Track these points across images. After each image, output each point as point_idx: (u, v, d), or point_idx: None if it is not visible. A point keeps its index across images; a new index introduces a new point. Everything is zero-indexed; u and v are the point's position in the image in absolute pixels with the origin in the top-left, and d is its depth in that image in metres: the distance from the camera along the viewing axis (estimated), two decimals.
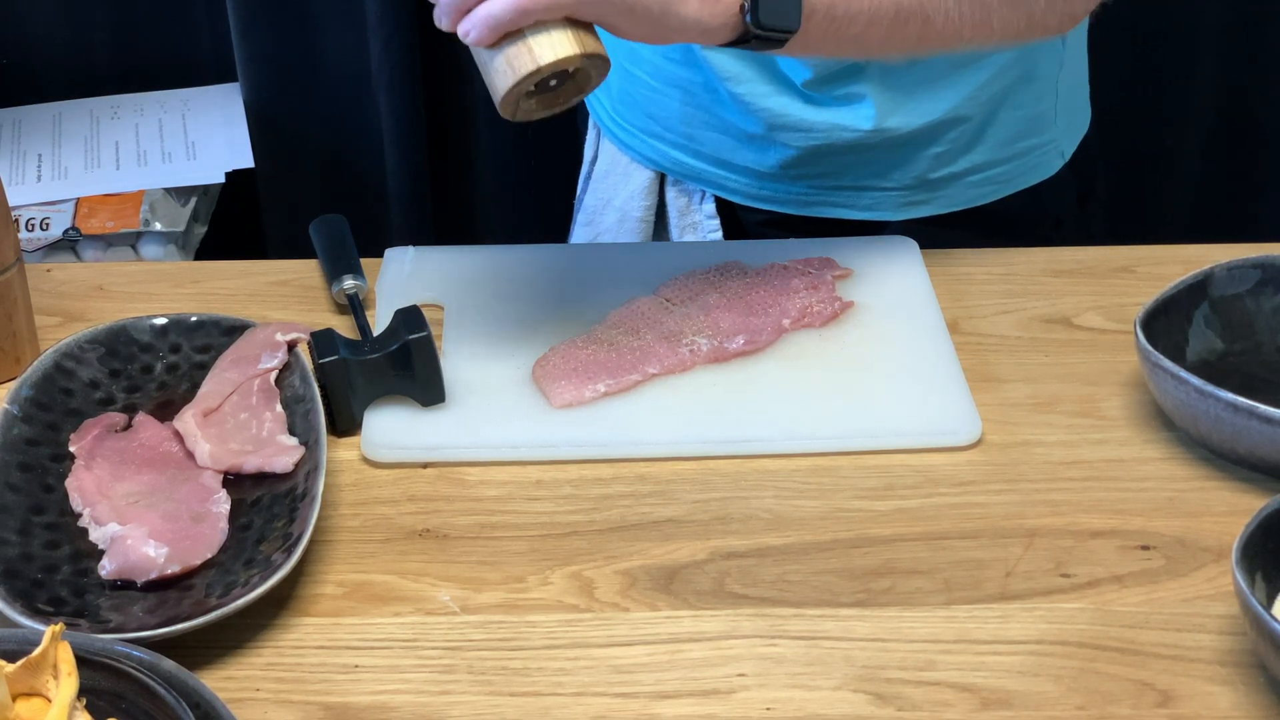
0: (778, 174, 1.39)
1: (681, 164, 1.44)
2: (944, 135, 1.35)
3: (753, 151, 1.39)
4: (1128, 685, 0.91)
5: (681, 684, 0.92)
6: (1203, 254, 1.25)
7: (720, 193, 1.44)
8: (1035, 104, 1.38)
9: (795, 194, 1.41)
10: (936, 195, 1.39)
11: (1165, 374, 1.05)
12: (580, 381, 1.12)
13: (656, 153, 1.45)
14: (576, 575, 0.99)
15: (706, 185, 1.44)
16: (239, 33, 1.93)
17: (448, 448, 1.09)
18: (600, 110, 1.50)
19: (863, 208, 1.40)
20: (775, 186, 1.41)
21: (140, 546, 0.96)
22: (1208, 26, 1.98)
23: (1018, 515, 1.04)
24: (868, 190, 1.39)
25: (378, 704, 0.91)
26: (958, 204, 1.40)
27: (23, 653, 0.81)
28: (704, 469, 1.08)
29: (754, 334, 1.17)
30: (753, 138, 1.38)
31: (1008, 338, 1.20)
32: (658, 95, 1.41)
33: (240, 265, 1.31)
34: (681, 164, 1.44)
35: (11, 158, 1.84)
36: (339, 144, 2.03)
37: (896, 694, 0.91)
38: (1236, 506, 1.04)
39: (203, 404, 1.09)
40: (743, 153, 1.39)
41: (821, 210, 1.41)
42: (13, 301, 1.15)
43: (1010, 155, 1.39)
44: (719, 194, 1.44)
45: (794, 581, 0.99)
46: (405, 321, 1.12)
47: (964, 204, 1.40)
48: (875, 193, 1.39)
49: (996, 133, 1.37)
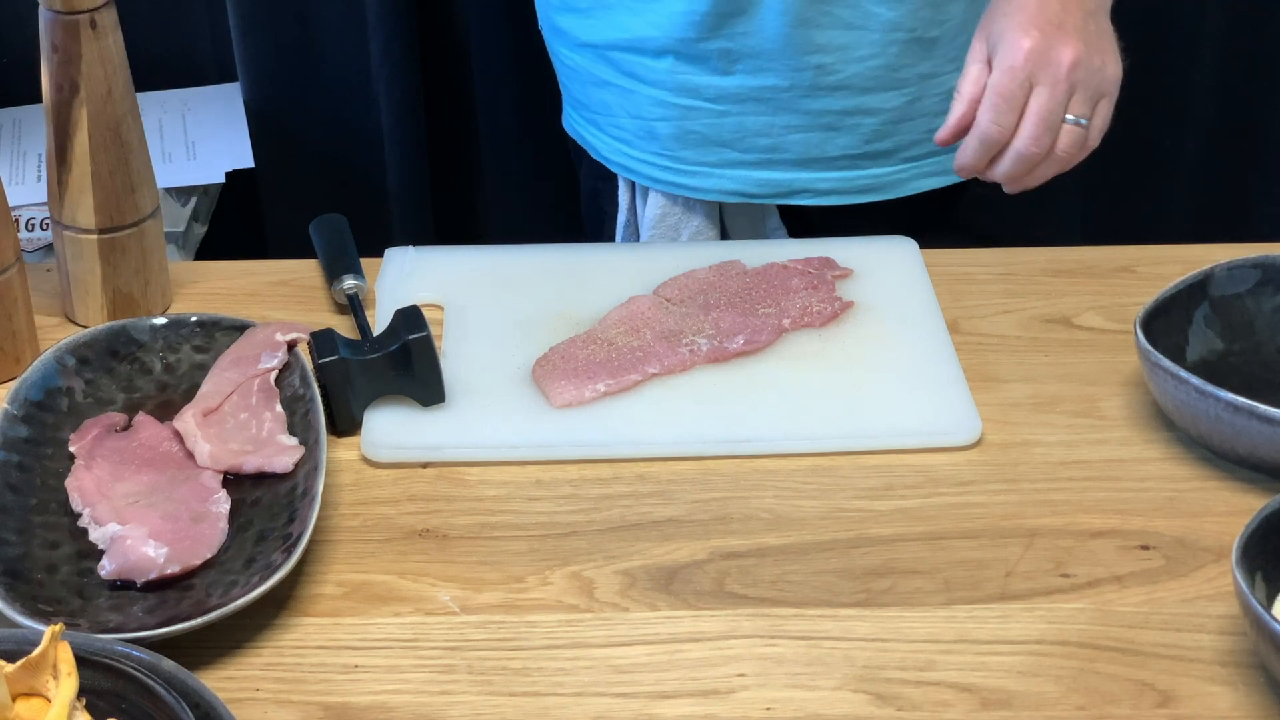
0: (870, 156, 1.39)
1: (765, 182, 1.42)
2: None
3: (845, 135, 1.39)
4: (1128, 685, 0.91)
5: (681, 684, 0.92)
6: (1203, 254, 1.25)
7: (811, 200, 1.42)
8: None
9: (886, 176, 1.41)
10: None
11: (1165, 374, 1.05)
12: (580, 381, 1.12)
13: (730, 181, 1.42)
14: (576, 575, 0.99)
15: (794, 195, 1.42)
16: (239, 33, 1.93)
17: (448, 447, 1.09)
18: (634, 162, 1.45)
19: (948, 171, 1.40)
20: (870, 174, 1.41)
21: (140, 546, 0.96)
22: (1208, 26, 1.98)
23: (1018, 515, 1.04)
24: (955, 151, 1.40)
25: (378, 704, 0.91)
26: None
27: (23, 653, 0.81)
28: (704, 469, 1.08)
29: (754, 334, 1.17)
30: (844, 114, 1.38)
31: (1008, 338, 1.20)
32: (726, 119, 1.40)
33: (240, 265, 1.31)
34: (765, 182, 1.42)
35: (11, 158, 1.84)
36: (339, 144, 2.02)
37: (896, 694, 0.91)
38: (1236, 506, 1.04)
39: (203, 404, 1.09)
40: (835, 139, 1.39)
41: (917, 186, 1.41)
42: (13, 301, 1.15)
43: None
44: (810, 202, 1.42)
45: (794, 581, 0.99)
46: (405, 321, 1.12)
47: None
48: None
49: None
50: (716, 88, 1.38)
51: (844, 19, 1.33)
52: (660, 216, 1.46)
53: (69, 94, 1.15)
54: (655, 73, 1.39)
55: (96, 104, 1.15)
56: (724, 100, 1.38)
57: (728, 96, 1.38)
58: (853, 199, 1.42)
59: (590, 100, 1.46)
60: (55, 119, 1.17)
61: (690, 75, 1.37)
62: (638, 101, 1.41)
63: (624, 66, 1.40)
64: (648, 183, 1.45)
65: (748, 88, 1.37)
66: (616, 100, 1.42)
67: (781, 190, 1.42)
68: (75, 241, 1.19)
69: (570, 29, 1.42)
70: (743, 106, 1.38)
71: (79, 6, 1.13)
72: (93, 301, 1.21)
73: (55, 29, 1.13)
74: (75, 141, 1.16)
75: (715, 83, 1.38)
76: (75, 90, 1.15)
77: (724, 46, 1.35)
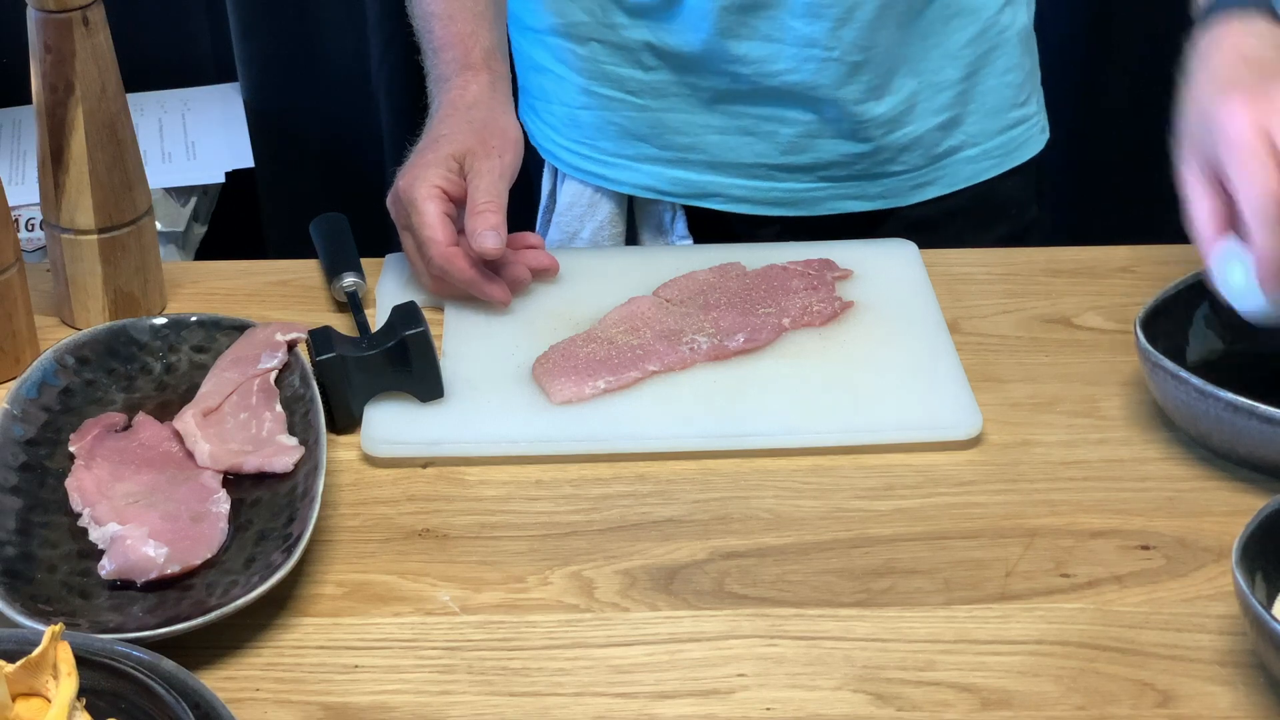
0: (785, 168, 1.39)
1: (679, 180, 1.42)
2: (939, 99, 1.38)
3: (762, 142, 1.39)
4: (1128, 685, 0.91)
5: (681, 684, 0.92)
6: None
7: (723, 205, 1.43)
8: (1014, 71, 1.41)
9: (803, 192, 1.41)
10: (941, 174, 1.41)
11: (1165, 374, 1.05)
12: (580, 378, 1.12)
13: (644, 175, 1.43)
14: (576, 575, 0.99)
15: (706, 199, 1.43)
16: (239, 33, 1.93)
17: (447, 443, 1.09)
18: (558, 149, 1.47)
19: (873, 197, 1.40)
20: (786, 187, 1.41)
21: (140, 546, 0.96)
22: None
23: (1018, 515, 1.04)
24: (880, 178, 1.40)
25: (377, 704, 0.91)
26: (958, 182, 1.42)
27: (23, 653, 0.81)
28: (704, 469, 1.08)
29: (754, 332, 1.17)
30: (761, 119, 1.38)
31: (1008, 338, 1.20)
32: (645, 113, 1.40)
33: (240, 265, 1.31)
34: (679, 180, 1.42)
35: (11, 158, 1.84)
36: (339, 144, 2.03)
37: (896, 694, 0.91)
38: (1236, 506, 1.04)
39: (202, 404, 1.09)
40: (752, 145, 1.39)
41: (833, 206, 1.41)
42: (13, 301, 1.15)
43: (1000, 127, 1.42)
44: (722, 207, 1.43)
45: (794, 581, 0.99)
46: (402, 317, 1.12)
47: (964, 182, 1.42)
48: (886, 180, 1.40)
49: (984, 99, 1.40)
50: (639, 81, 1.39)
51: (762, 31, 1.34)
52: (569, 205, 1.47)
53: (64, 94, 1.15)
54: (582, 60, 1.39)
55: (91, 102, 1.15)
56: (645, 94, 1.39)
57: (650, 90, 1.39)
58: (765, 210, 1.43)
59: (530, 85, 1.48)
60: (49, 120, 1.16)
61: (615, 66, 1.39)
62: (565, 88, 1.42)
63: (557, 52, 1.41)
64: (567, 170, 1.47)
65: (668, 84, 1.38)
66: (550, 86, 1.44)
67: (694, 191, 1.43)
68: (74, 244, 1.19)
69: (518, 12, 1.44)
70: (663, 102, 1.39)
71: (71, 4, 1.12)
72: (93, 304, 1.21)
73: (47, 28, 1.13)
74: (71, 141, 1.16)
75: (638, 76, 1.39)
76: (70, 89, 1.15)
77: (647, 40, 1.36)
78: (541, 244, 1.26)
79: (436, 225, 1.18)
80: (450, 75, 1.27)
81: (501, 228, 1.18)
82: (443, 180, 1.19)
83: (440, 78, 1.28)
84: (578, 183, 1.46)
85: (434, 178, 1.19)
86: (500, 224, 1.18)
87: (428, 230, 1.18)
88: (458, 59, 1.27)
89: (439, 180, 1.19)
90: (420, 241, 1.19)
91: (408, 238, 1.21)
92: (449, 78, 1.27)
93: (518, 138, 1.24)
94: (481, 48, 1.28)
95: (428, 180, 1.19)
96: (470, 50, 1.27)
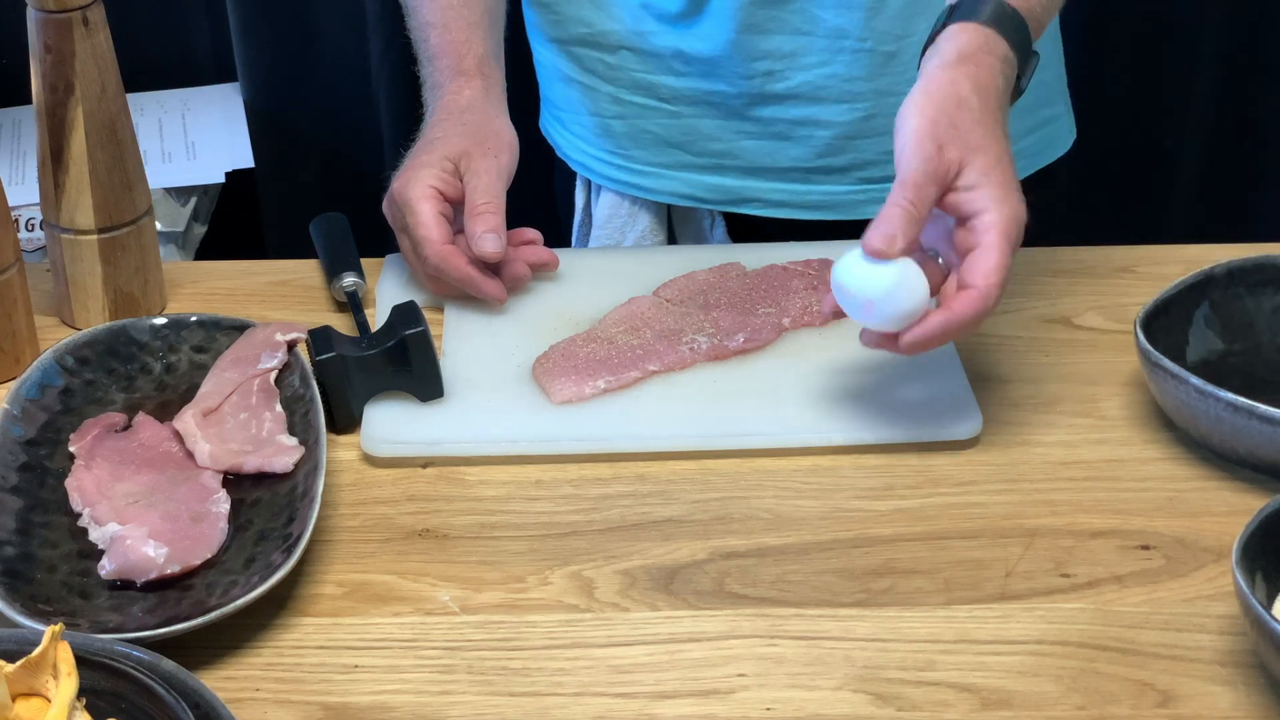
0: (823, 170, 1.39)
1: (715, 187, 1.42)
2: None
3: (797, 146, 1.38)
4: (1128, 685, 0.91)
5: (681, 684, 0.92)
6: (1203, 254, 1.25)
7: (761, 210, 1.41)
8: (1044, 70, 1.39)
9: (842, 195, 1.40)
10: None
11: (1165, 374, 1.05)
12: (580, 378, 1.12)
13: (680, 183, 1.42)
14: (576, 575, 0.99)
15: (744, 204, 1.42)
16: (239, 33, 1.93)
17: (447, 442, 1.09)
18: (590, 160, 1.46)
19: None
20: (824, 190, 1.40)
21: (140, 546, 0.96)
22: (1208, 26, 1.98)
23: (1018, 515, 1.04)
24: None
25: (377, 704, 0.91)
26: None
27: (23, 653, 0.81)
28: (704, 469, 1.08)
29: (754, 332, 1.17)
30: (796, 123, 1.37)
31: (1008, 338, 1.20)
32: (679, 120, 1.39)
33: (240, 265, 1.31)
34: (715, 187, 1.42)
35: (11, 158, 1.84)
36: (339, 144, 2.02)
37: (896, 694, 0.91)
38: (1236, 506, 1.04)
39: (202, 404, 1.09)
40: (786, 149, 1.38)
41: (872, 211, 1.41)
42: (13, 301, 1.15)
43: (1030, 126, 1.40)
44: (760, 212, 1.42)
45: (794, 581, 0.99)
46: (402, 317, 1.12)
47: None
48: None
49: None
50: (670, 88, 1.38)
51: (791, 24, 1.33)
52: (608, 217, 1.46)
53: (64, 94, 1.15)
54: (612, 69, 1.39)
55: (92, 102, 1.15)
56: (678, 101, 1.39)
57: (681, 98, 1.38)
58: (804, 214, 1.41)
59: (556, 97, 1.47)
60: (49, 120, 1.16)
61: (645, 74, 1.38)
62: (596, 99, 1.42)
63: (585, 62, 1.41)
64: (601, 181, 1.46)
65: (700, 91, 1.37)
66: (579, 97, 1.43)
67: (731, 197, 1.42)
68: (74, 244, 1.19)
69: (540, 24, 1.43)
70: (696, 109, 1.39)
71: (71, 4, 1.12)
72: (94, 304, 1.21)
73: (47, 29, 1.13)
74: (72, 141, 1.16)
75: (669, 83, 1.38)
76: (70, 89, 1.15)
77: (676, 47, 1.36)
78: (540, 239, 1.26)
79: (431, 225, 1.18)
80: (444, 81, 1.27)
81: (501, 229, 1.18)
82: (437, 181, 1.19)
83: (435, 84, 1.29)
84: (614, 194, 1.45)
85: (428, 178, 1.19)
86: (500, 225, 1.18)
87: (422, 230, 1.18)
88: (452, 65, 1.28)
89: (433, 181, 1.19)
90: (415, 241, 1.19)
91: (404, 239, 1.21)
92: (443, 84, 1.27)
93: (513, 141, 1.24)
94: (475, 54, 1.28)
95: (422, 181, 1.19)
96: (464, 57, 1.28)
